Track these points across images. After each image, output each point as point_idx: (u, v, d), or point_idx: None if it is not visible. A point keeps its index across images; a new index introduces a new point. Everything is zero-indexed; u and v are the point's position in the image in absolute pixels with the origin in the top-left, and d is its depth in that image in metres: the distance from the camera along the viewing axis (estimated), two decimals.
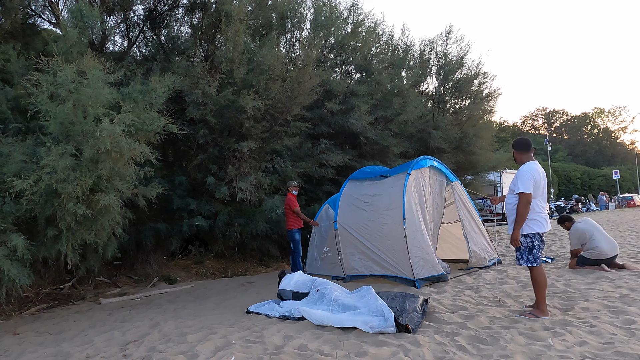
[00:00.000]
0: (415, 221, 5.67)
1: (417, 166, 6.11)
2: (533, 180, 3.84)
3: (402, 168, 6.27)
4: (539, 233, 3.87)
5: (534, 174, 3.86)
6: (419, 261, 5.53)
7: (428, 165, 6.29)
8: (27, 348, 3.94)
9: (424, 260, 5.56)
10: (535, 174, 3.87)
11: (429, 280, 5.55)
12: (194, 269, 7.89)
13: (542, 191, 3.92)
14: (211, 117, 7.28)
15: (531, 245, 3.87)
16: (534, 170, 3.90)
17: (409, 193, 5.79)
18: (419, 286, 5.33)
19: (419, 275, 5.44)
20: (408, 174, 5.88)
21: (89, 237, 5.08)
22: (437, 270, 5.62)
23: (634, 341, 3.08)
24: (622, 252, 7.22)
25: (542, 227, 3.87)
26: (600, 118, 68.11)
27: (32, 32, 7.50)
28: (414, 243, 5.56)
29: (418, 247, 5.57)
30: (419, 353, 3.09)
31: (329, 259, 6.66)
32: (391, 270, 5.74)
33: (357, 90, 9.31)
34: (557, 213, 23.13)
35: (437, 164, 6.48)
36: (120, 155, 4.95)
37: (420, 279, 5.42)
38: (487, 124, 13.14)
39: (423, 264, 5.55)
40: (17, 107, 5.80)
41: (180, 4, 8.51)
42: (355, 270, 6.18)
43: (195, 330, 4.11)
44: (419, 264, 5.51)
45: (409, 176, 5.86)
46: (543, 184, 3.95)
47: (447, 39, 12.19)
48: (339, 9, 10.17)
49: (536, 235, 3.87)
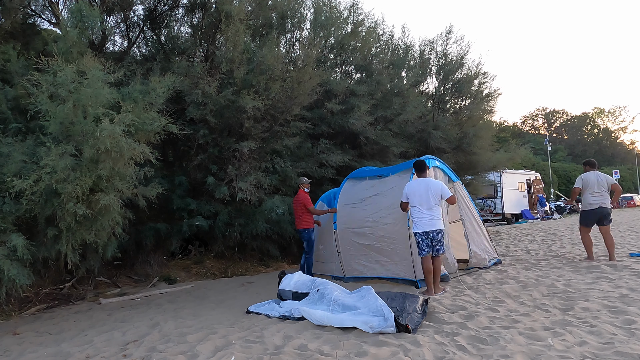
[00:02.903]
0: None
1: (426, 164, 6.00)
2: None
3: (404, 166, 6.14)
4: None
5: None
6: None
7: (432, 165, 6.23)
8: (27, 348, 3.94)
9: None
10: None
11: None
12: (194, 269, 7.89)
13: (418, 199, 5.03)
14: (211, 117, 7.28)
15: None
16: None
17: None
18: (420, 286, 5.33)
19: (421, 275, 5.37)
20: (412, 172, 5.71)
21: (89, 237, 5.08)
22: None
23: (634, 341, 3.08)
24: (622, 252, 7.22)
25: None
26: (600, 118, 68.15)
27: (32, 32, 7.50)
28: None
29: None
30: (419, 353, 3.09)
31: (324, 257, 6.64)
32: (392, 271, 5.71)
33: (357, 90, 9.31)
34: (558, 213, 23.15)
35: (439, 163, 6.44)
36: (120, 155, 4.95)
37: (422, 280, 5.37)
38: (487, 124, 13.12)
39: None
40: (17, 107, 5.80)
41: (180, 4, 8.51)
42: (355, 272, 6.14)
43: (195, 330, 4.11)
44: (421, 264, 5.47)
45: (414, 175, 5.69)
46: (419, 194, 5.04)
47: (447, 39, 12.20)
48: (339, 9, 10.18)
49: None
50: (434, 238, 4.98)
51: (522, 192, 21.20)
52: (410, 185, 5.20)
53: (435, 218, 5.00)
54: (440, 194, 5.03)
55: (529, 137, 52.58)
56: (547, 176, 34.04)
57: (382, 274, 5.85)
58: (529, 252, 8.28)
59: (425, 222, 4.98)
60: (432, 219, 4.98)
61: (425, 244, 4.99)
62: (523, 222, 19.52)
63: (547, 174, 34.59)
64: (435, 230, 4.98)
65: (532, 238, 10.84)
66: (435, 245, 5.00)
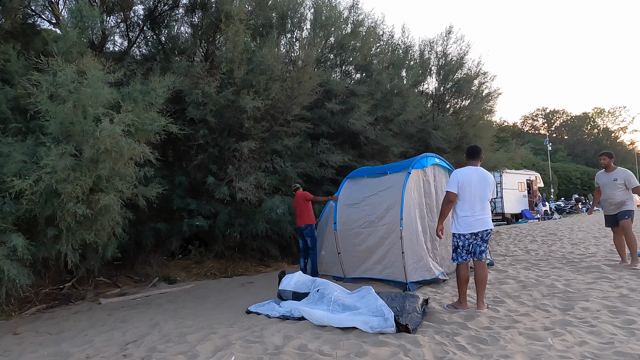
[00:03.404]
0: (412, 222, 5.57)
1: (418, 165, 5.93)
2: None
3: (402, 166, 6.08)
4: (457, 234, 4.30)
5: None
6: (413, 264, 5.43)
7: (430, 164, 6.17)
8: (27, 348, 3.94)
9: (417, 262, 5.48)
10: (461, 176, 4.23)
11: (421, 283, 5.47)
12: (194, 269, 7.89)
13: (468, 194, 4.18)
14: (211, 117, 7.28)
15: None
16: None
17: (408, 193, 5.64)
18: (412, 289, 5.24)
19: (411, 278, 5.35)
20: (409, 172, 5.71)
21: (89, 237, 5.08)
22: (430, 273, 5.52)
23: (634, 341, 3.08)
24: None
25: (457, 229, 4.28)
26: (600, 118, 68.12)
27: (32, 32, 7.49)
28: (409, 245, 5.45)
29: (413, 249, 5.47)
30: (419, 353, 3.09)
31: (323, 257, 6.65)
32: (385, 273, 5.66)
33: (357, 90, 9.31)
34: (558, 213, 23.16)
35: (439, 161, 6.40)
36: (120, 155, 4.95)
37: (412, 282, 5.34)
38: (487, 124, 13.12)
39: (416, 267, 5.46)
40: (17, 107, 5.79)
41: (180, 4, 8.51)
42: (355, 272, 6.11)
43: (195, 330, 4.11)
44: (413, 267, 5.41)
45: (410, 175, 5.70)
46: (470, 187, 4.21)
47: (447, 39, 12.19)
48: (339, 9, 10.18)
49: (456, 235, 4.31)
50: (482, 239, 4.19)
51: (522, 192, 21.21)
52: (463, 172, 4.22)
53: (487, 215, 4.20)
54: (494, 188, 4.28)
55: (529, 137, 52.59)
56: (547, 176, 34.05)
57: (378, 275, 5.81)
58: (529, 252, 8.27)
59: (476, 221, 4.13)
60: (483, 216, 4.16)
61: (465, 250, 4.22)
62: (523, 222, 19.52)
63: (547, 174, 34.60)
64: (486, 230, 4.18)
65: (532, 238, 10.83)
66: (480, 247, 4.20)
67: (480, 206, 4.14)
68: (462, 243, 4.23)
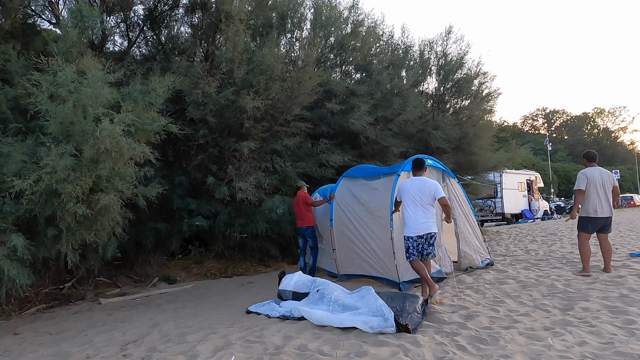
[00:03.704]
0: (401, 223, 5.57)
1: (408, 167, 5.82)
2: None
3: (393, 168, 6.12)
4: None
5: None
6: (404, 263, 5.35)
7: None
8: (27, 348, 3.94)
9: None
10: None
11: (414, 282, 5.46)
12: (194, 269, 7.89)
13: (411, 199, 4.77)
14: (211, 117, 7.28)
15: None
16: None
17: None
18: (404, 289, 5.24)
19: (404, 277, 5.37)
20: (398, 175, 5.74)
21: (89, 237, 5.08)
22: None
23: (634, 341, 3.08)
24: (622, 252, 7.22)
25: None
26: (600, 118, 68.20)
27: (32, 32, 7.49)
28: (400, 245, 5.37)
29: (403, 249, 5.49)
30: (419, 353, 3.09)
31: (320, 251, 6.67)
32: (379, 272, 5.70)
33: (357, 90, 9.31)
34: (558, 213, 23.15)
35: (431, 161, 6.38)
36: (120, 155, 4.95)
37: (405, 282, 5.36)
38: (487, 124, 13.12)
39: (408, 267, 5.36)
40: (17, 107, 5.79)
41: (180, 4, 8.51)
42: (348, 270, 6.19)
43: (195, 330, 4.11)
44: (404, 266, 5.37)
45: (399, 177, 5.72)
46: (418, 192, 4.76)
47: (447, 39, 12.19)
48: (339, 9, 10.18)
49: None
50: (426, 241, 4.71)
51: (522, 192, 21.20)
52: (404, 183, 4.95)
53: (430, 221, 4.72)
54: (433, 194, 4.69)
55: (529, 137, 52.62)
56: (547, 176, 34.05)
57: (371, 272, 5.84)
58: (529, 252, 8.27)
59: (418, 225, 4.69)
60: (426, 221, 4.69)
61: (415, 249, 4.73)
62: (523, 222, 19.51)
63: (547, 174, 34.61)
64: (429, 234, 4.70)
65: (532, 238, 10.83)
66: (426, 249, 4.72)
67: (422, 212, 4.72)
68: (410, 244, 4.77)
